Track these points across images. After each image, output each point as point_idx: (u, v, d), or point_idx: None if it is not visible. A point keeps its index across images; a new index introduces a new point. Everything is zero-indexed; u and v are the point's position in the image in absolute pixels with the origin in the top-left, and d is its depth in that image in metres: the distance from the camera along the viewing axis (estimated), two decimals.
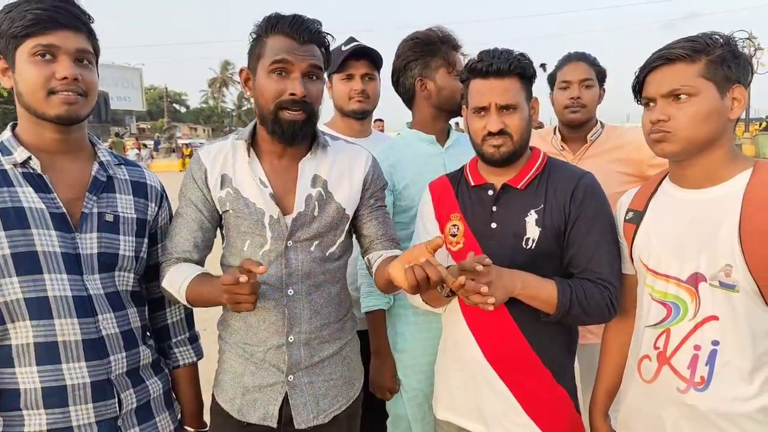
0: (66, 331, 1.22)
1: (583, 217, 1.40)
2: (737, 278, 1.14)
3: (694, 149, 1.20)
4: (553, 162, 1.51)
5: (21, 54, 1.20)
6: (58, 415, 1.21)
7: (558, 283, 1.35)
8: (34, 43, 1.19)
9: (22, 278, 1.18)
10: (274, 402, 1.41)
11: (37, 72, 1.19)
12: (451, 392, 1.54)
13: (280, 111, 1.34)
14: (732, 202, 1.16)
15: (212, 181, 1.40)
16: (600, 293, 1.35)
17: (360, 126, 2.16)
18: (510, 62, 1.39)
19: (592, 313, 1.36)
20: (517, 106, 1.41)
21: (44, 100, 1.20)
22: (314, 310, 1.43)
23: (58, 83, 1.20)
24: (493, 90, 1.40)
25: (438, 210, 1.56)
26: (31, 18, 1.17)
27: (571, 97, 2.11)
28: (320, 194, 1.43)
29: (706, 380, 1.19)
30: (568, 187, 1.42)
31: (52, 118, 1.22)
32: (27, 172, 1.23)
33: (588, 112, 2.13)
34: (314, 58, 1.35)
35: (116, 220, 1.32)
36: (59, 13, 1.20)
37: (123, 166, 1.41)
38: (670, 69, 1.21)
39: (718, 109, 1.18)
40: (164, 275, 1.40)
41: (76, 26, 1.23)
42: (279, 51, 1.32)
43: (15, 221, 1.18)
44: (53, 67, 1.20)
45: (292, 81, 1.32)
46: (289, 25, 1.32)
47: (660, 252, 1.27)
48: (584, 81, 2.12)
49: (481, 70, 1.41)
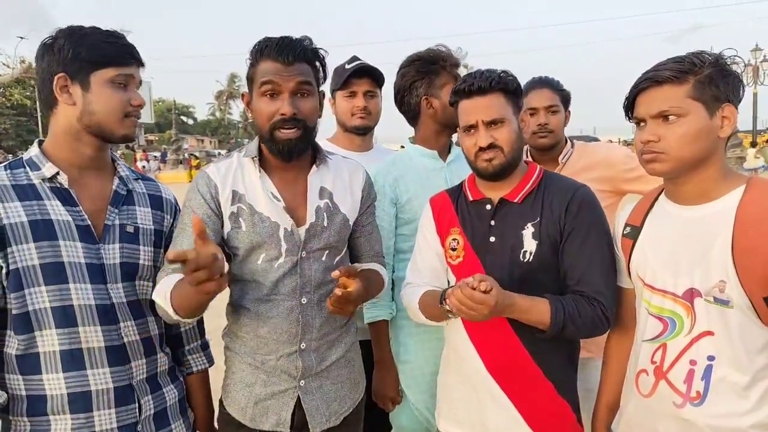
0: (90, 338, 1.28)
1: (578, 230, 1.42)
2: (731, 294, 1.16)
3: (685, 168, 1.23)
4: (549, 175, 1.54)
5: (100, 78, 1.32)
6: (82, 420, 1.27)
7: (551, 302, 1.36)
8: (116, 72, 1.33)
9: (50, 288, 1.24)
10: (287, 408, 1.45)
11: (118, 97, 1.34)
12: (453, 404, 1.56)
13: (275, 131, 1.40)
14: (725, 218, 1.18)
15: (223, 198, 1.43)
16: (592, 309, 1.37)
17: (362, 141, 2.21)
18: (491, 79, 1.45)
19: (585, 330, 1.39)
20: (504, 120, 1.45)
21: (120, 121, 1.35)
22: (324, 317, 1.48)
23: (133, 109, 1.37)
24: (477, 107, 1.46)
25: (439, 225, 1.59)
26: (115, 49, 1.34)
27: (538, 123, 2.14)
28: (328, 205, 1.50)
29: (702, 395, 1.20)
30: (564, 199, 1.45)
31: (120, 138, 1.37)
32: (54, 186, 1.30)
33: (555, 136, 2.17)
34: (301, 76, 1.40)
35: (136, 231, 1.39)
36: (134, 51, 1.38)
37: (140, 180, 1.49)
38: (659, 91, 1.23)
39: (707, 128, 1.20)
40: (156, 288, 1.34)
41: (140, 62, 1.41)
42: (266, 74, 1.39)
43: (44, 233, 1.25)
44: (128, 94, 1.36)
45: (282, 101, 1.39)
46: (275, 49, 1.38)
47: (656, 267, 1.29)
48: (550, 107, 2.15)
49: (465, 90, 1.47)
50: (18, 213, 1.24)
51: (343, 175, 1.57)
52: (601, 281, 1.40)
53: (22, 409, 1.26)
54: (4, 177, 1.28)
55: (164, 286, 1.32)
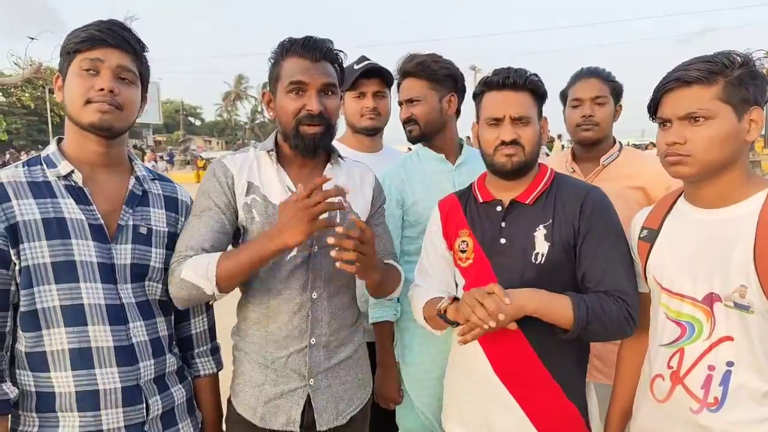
0: (99, 337, 1.27)
1: (593, 232, 1.41)
2: (752, 299, 1.14)
3: (710, 172, 1.20)
4: (560, 177, 1.53)
5: (71, 69, 1.31)
6: (90, 419, 1.26)
7: (573, 298, 1.34)
8: (81, 57, 1.29)
9: (60, 286, 1.24)
10: (296, 407, 1.46)
11: (79, 83, 1.29)
12: (460, 407, 1.55)
13: (300, 126, 1.43)
14: (747, 223, 1.16)
15: (239, 189, 1.45)
16: (617, 306, 1.35)
17: (371, 142, 2.20)
18: (525, 78, 1.45)
19: (612, 327, 1.35)
20: (529, 120, 1.45)
21: (81, 108, 1.29)
22: (333, 313, 1.49)
23: (95, 93, 1.29)
24: (507, 101, 1.44)
25: (446, 228, 1.59)
26: (84, 36, 1.29)
27: (582, 115, 2.03)
28: (341, 203, 1.49)
29: (719, 401, 1.18)
30: (576, 201, 1.44)
31: (87, 126, 1.30)
32: (69, 184, 1.30)
33: (601, 131, 2.04)
34: (328, 76, 1.43)
35: (149, 232, 1.39)
36: (108, 34, 1.30)
37: (157, 180, 1.48)
38: (687, 91, 1.20)
39: (735, 132, 1.17)
40: (180, 270, 1.33)
41: (122, 47, 1.32)
42: (294, 72, 1.41)
43: (56, 231, 1.25)
44: (94, 80, 1.29)
45: (309, 98, 1.41)
46: (302, 47, 1.42)
47: (674, 271, 1.27)
48: (596, 98, 2.03)
49: (497, 83, 1.46)
50: (32, 210, 1.24)
51: (354, 177, 1.59)
52: (624, 281, 1.38)
53: (32, 405, 1.26)
54: (20, 174, 1.28)
55: (200, 263, 1.32)
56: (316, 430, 1.47)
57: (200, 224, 1.41)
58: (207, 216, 1.42)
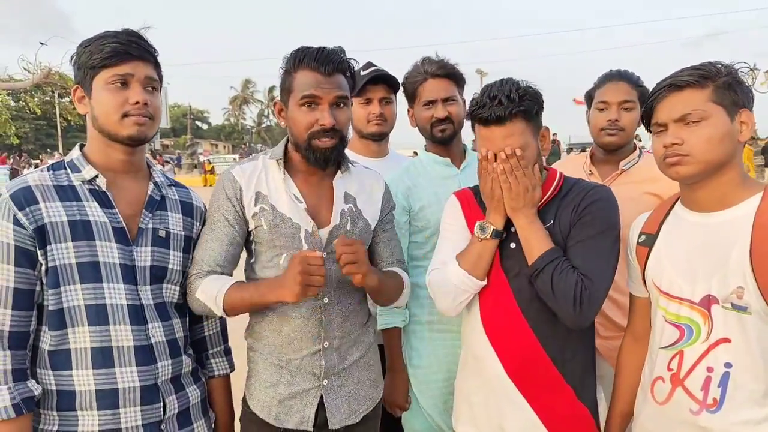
0: (120, 337, 1.31)
1: (582, 221, 1.42)
2: (749, 300, 1.16)
3: (709, 171, 1.23)
4: (569, 181, 1.53)
5: (98, 82, 1.34)
6: (109, 417, 1.30)
7: (554, 248, 1.38)
8: (111, 73, 1.32)
9: (85, 286, 1.29)
10: (310, 406, 1.49)
11: (112, 98, 1.33)
12: (472, 408, 1.57)
13: (312, 140, 1.45)
14: (743, 225, 1.19)
15: (247, 199, 1.48)
16: (575, 282, 1.33)
17: (377, 147, 2.23)
18: (510, 107, 1.36)
19: (558, 295, 1.34)
20: (522, 148, 1.38)
21: (118, 122, 1.34)
22: (345, 316, 1.53)
23: (131, 107, 1.33)
24: (495, 138, 1.40)
25: (468, 216, 1.58)
26: (108, 51, 1.32)
27: (608, 119, 1.95)
28: (352, 210, 1.56)
29: (718, 402, 1.20)
30: (577, 200, 1.45)
31: (125, 139, 1.35)
32: (93, 188, 1.35)
33: (626, 136, 1.98)
34: (340, 89, 1.45)
35: (168, 236, 1.43)
36: (132, 46, 1.34)
37: (173, 186, 1.53)
38: (680, 95, 1.24)
39: (729, 132, 1.22)
40: (196, 287, 1.44)
41: (145, 57, 1.37)
42: (307, 86, 1.43)
43: (82, 233, 1.29)
44: (126, 93, 1.33)
45: (321, 112, 1.43)
46: (315, 59, 1.42)
47: (672, 275, 1.29)
48: (624, 103, 1.94)
49: (482, 118, 1.40)
50: (59, 213, 1.29)
51: (364, 183, 1.62)
52: (595, 268, 1.36)
53: (52, 404, 1.30)
54: (46, 177, 1.33)
55: (212, 288, 1.42)
56: (329, 429, 1.51)
57: (213, 238, 1.48)
58: (218, 230, 1.48)
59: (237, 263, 1.54)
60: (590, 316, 1.37)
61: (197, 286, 1.44)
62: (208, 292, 1.42)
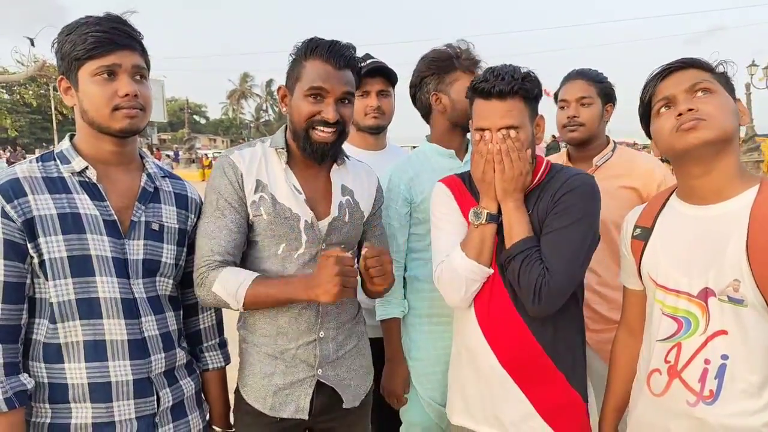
0: (113, 330, 1.30)
1: (556, 210, 1.43)
2: (745, 293, 1.16)
3: (723, 143, 1.21)
4: (555, 168, 1.53)
5: (84, 74, 1.29)
6: (102, 410, 1.29)
7: (530, 237, 1.40)
8: (96, 65, 1.27)
9: (76, 280, 1.27)
10: (305, 396, 1.50)
11: (101, 90, 1.28)
12: (466, 399, 1.57)
13: (311, 129, 1.44)
14: (739, 218, 1.19)
15: (248, 186, 1.46)
16: (538, 275, 1.36)
17: (375, 140, 2.22)
18: (513, 84, 1.39)
19: (522, 285, 1.39)
20: (519, 128, 1.41)
21: (109, 115, 1.30)
22: (341, 307, 1.54)
23: (120, 100, 1.29)
24: (494, 111, 1.42)
25: (461, 204, 1.57)
26: (92, 41, 1.26)
27: (568, 116, 2.06)
28: (349, 202, 1.56)
29: (715, 394, 1.20)
30: (555, 186, 1.46)
31: (117, 132, 1.32)
32: (83, 180, 1.32)
33: (587, 131, 2.06)
34: (348, 85, 1.45)
35: (161, 229, 1.41)
36: (117, 35, 1.29)
37: (167, 178, 1.50)
38: (686, 72, 1.27)
39: (735, 109, 1.24)
40: (212, 280, 1.39)
41: (132, 45, 1.32)
42: (316, 77, 1.41)
43: (72, 226, 1.27)
44: (115, 85, 1.29)
45: (326, 106, 1.43)
46: (327, 51, 1.41)
47: (669, 268, 1.29)
48: (581, 99, 2.06)
49: (483, 90, 1.42)
50: (48, 205, 1.26)
51: (360, 176, 1.63)
52: (560, 261, 1.37)
53: (44, 396, 1.29)
54: (35, 169, 1.30)
55: (231, 282, 1.38)
56: (324, 416, 1.52)
57: (221, 226, 1.43)
58: (225, 218, 1.44)
59: (242, 252, 1.51)
60: (550, 309, 1.40)
61: (213, 278, 1.39)
62: (228, 287, 1.38)
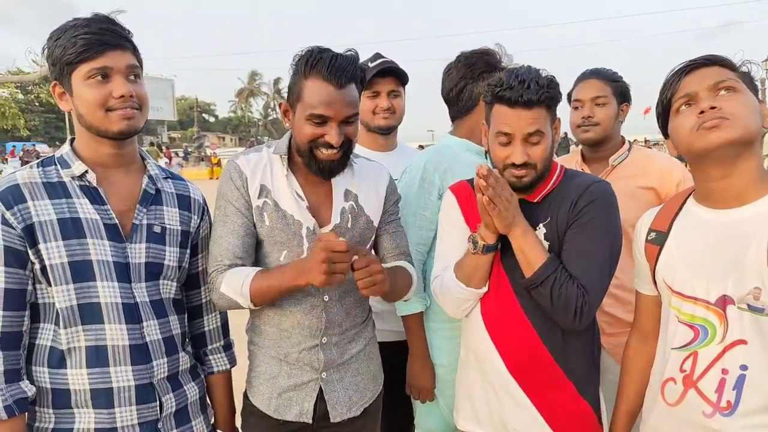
0: (115, 336, 1.29)
1: (580, 221, 1.40)
2: (766, 301, 1.13)
3: (746, 143, 1.17)
4: (570, 174, 1.51)
5: (77, 78, 1.27)
6: (104, 416, 1.28)
7: (551, 257, 1.37)
8: (88, 68, 1.25)
9: (77, 285, 1.26)
10: (309, 399, 1.49)
11: (95, 93, 1.26)
12: (473, 404, 1.56)
13: (314, 150, 1.41)
14: (760, 223, 1.15)
15: (252, 190, 1.46)
16: (576, 295, 1.34)
17: (385, 141, 2.20)
18: (539, 93, 1.36)
19: (558, 306, 1.35)
20: (542, 135, 1.39)
21: (104, 118, 1.28)
22: (346, 313, 1.52)
23: (115, 101, 1.27)
24: (519, 120, 1.37)
25: (466, 214, 1.55)
26: (82, 44, 1.24)
27: (582, 116, 2.03)
28: (352, 207, 1.53)
29: (732, 405, 1.17)
30: (575, 195, 1.43)
31: (115, 134, 1.30)
32: (83, 184, 1.31)
33: (602, 131, 2.03)
34: (351, 106, 1.39)
35: (163, 231, 1.40)
36: (107, 35, 1.26)
37: (169, 179, 1.49)
38: (710, 69, 1.22)
39: (759, 109, 1.19)
40: (220, 282, 1.40)
41: (123, 45, 1.30)
42: (317, 103, 1.35)
43: (72, 231, 1.26)
44: (110, 86, 1.27)
45: (330, 129, 1.38)
46: (328, 69, 1.34)
47: (686, 274, 1.26)
48: (596, 99, 2.02)
49: (509, 99, 1.37)
50: (47, 211, 1.26)
51: (368, 178, 1.59)
52: (593, 277, 1.36)
53: (48, 402, 1.28)
54: (35, 174, 1.29)
55: (236, 280, 1.38)
56: (329, 421, 1.50)
57: (228, 231, 1.44)
58: (232, 222, 1.44)
59: (254, 254, 1.49)
60: (587, 323, 1.39)
61: (220, 281, 1.40)
62: (233, 285, 1.38)
